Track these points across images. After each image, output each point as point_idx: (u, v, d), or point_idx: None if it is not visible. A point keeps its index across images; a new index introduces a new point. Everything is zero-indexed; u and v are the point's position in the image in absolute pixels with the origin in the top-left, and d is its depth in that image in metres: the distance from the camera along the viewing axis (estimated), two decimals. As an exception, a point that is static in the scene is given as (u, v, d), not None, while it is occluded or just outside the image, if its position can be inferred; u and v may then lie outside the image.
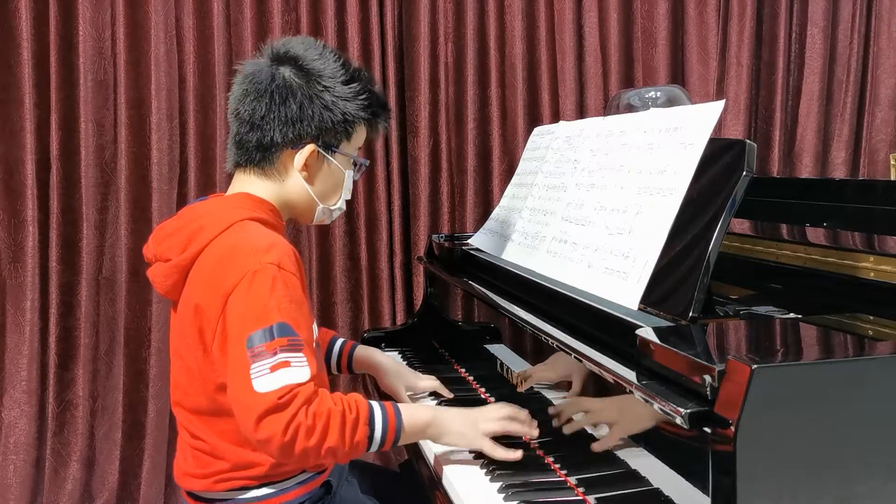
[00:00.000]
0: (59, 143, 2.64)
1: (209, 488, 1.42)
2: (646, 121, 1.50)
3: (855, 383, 0.97)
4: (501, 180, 2.86)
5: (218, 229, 1.36)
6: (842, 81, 3.04)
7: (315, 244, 2.81)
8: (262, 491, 1.40)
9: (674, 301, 1.21)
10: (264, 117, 1.41)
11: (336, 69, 1.43)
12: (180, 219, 1.45)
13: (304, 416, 1.24)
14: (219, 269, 1.33)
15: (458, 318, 2.14)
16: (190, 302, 1.37)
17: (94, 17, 2.65)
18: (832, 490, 0.96)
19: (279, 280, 1.30)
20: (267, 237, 1.36)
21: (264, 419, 1.23)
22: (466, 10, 2.85)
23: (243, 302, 1.28)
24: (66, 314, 2.70)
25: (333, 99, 1.42)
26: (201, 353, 1.36)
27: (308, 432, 1.25)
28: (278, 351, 1.25)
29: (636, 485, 1.17)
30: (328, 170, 1.47)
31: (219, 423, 1.39)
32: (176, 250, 1.40)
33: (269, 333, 1.26)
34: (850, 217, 1.89)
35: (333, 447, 1.28)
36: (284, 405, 1.24)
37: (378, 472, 1.86)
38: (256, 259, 1.30)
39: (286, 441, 1.24)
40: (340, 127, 1.44)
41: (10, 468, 2.65)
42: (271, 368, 1.24)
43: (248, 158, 1.45)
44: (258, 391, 1.24)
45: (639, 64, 2.97)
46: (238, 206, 1.42)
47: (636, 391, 1.08)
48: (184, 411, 1.44)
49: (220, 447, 1.39)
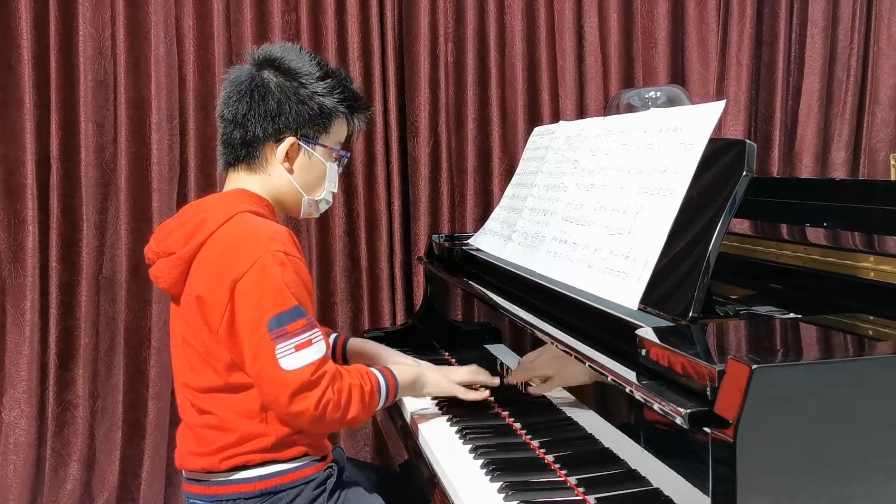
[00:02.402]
0: (59, 143, 2.64)
1: (213, 466, 1.46)
2: (646, 121, 1.50)
3: (855, 383, 0.97)
4: (501, 180, 2.86)
5: (220, 220, 1.45)
6: (842, 81, 3.04)
7: (315, 244, 2.81)
8: (265, 469, 1.46)
9: (674, 301, 1.21)
10: (246, 115, 1.51)
11: (311, 67, 1.53)
12: (181, 216, 1.52)
13: (332, 393, 1.40)
14: (223, 257, 1.42)
15: (458, 318, 2.14)
16: (192, 293, 1.44)
17: (94, 17, 2.65)
18: (832, 490, 0.96)
19: (288, 265, 1.40)
20: (269, 225, 1.46)
21: (298, 395, 1.38)
22: (466, 10, 2.85)
23: (257, 287, 1.38)
24: (66, 314, 2.70)
25: (309, 94, 1.52)
26: (208, 337, 1.43)
27: (336, 406, 1.41)
28: (300, 331, 1.38)
29: (636, 485, 1.17)
30: (309, 162, 1.55)
31: (229, 398, 1.46)
32: (179, 244, 1.47)
33: (288, 316, 1.38)
34: (850, 217, 1.89)
35: (356, 416, 1.44)
36: (316, 382, 1.38)
37: (378, 471, 1.87)
38: (264, 246, 1.40)
39: (317, 415, 1.39)
40: (318, 120, 1.53)
41: (10, 468, 2.65)
42: (296, 347, 1.38)
43: (235, 156, 1.55)
44: (287, 369, 1.37)
45: (639, 64, 2.97)
46: (237, 200, 1.51)
47: (636, 391, 1.08)
48: (192, 391, 1.50)
49: (228, 419, 1.46)
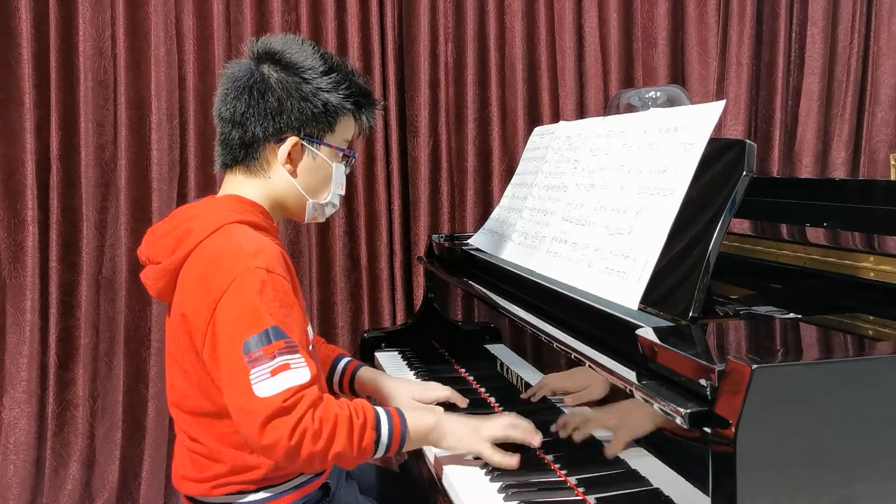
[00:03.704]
0: (59, 143, 2.64)
1: (207, 493, 1.41)
2: (646, 121, 1.50)
3: (855, 383, 0.97)
4: (501, 180, 2.86)
5: (205, 233, 1.35)
6: (842, 81, 3.04)
7: (315, 244, 2.81)
8: (259, 495, 1.39)
9: (674, 301, 1.21)
10: (244, 114, 1.41)
11: (315, 61, 1.41)
12: (171, 220, 1.44)
13: (310, 420, 1.22)
14: (206, 275, 1.31)
15: (458, 318, 2.14)
16: (178, 309, 1.37)
17: (94, 17, 2.65)
18: (832, 490, 0.96)
19: (268, 284, 1.27)
20: (254, 241, 1.33)
21: (269, 423, 1.20)
22: (466, 10, 2.85)
23: (234, 307, 1.26)
24: (66, 314, 2.70)
25: (313, 90, 1.40)
26: (194, 357, 1.35)
27: (315, 437, 1.22)
28: (276, 354, 1.22)
29: (636, 485, 1.17)
30: (314, 163, 1.44)
31: (218, 425, 1.37)
32: (165, 253, 1.39)
33: (265, 338, 1.23)
34: (850, 217, 1.89)
35: (341, 452, 1.25)
36: (290, 408, 1.21)
37: (378, 472, 1.86)
38: (244, 263, 1.28)
39: (292, 445, 1.20)
40: (322, 118, 1.41)
41: (10, 468, 2.65)
42: (272, 372, 1.21)
43: (233, 157, 1.45)
44: (260, 396, 1.20)
45: (639, 64, 2.97)
46: (227, 209, 1.40)
47: (636, 391, 1.08)
48: (182, 413, 1.44)
49: (217, 450, 1.38)
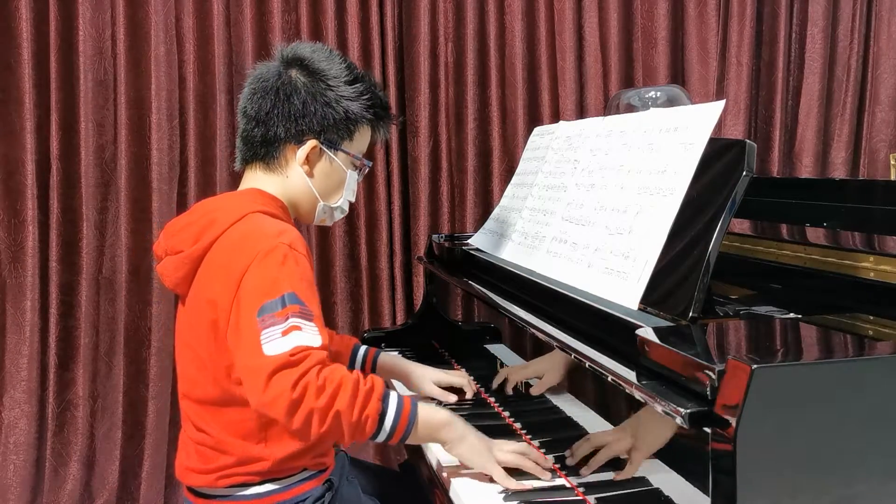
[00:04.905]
0: (59, 143, 2.64)
1: (211, 484, 1.42)
2: (646, 121, 1.50)
3: (855, 383, 0.97)
4: (501, 180, 2.86)
5: (230, 220, 1.39)
6: (842, 81, 3.05)
7: (315, 244, 2.81)
8: (264, 487, 1.41)
9: (674, 301, 1.21)
10: (269, 113, 1.45)
11: (341, 70, 1.47)
12: (192, 213, 1.49)
13: (314, 376, 1.23)
14: (231, 258, 1.35)
15: (458, 318, 2.14)
16: (202, 296, 1.39)
17: (94, 17, 2.65)
18: (832, 490, 0.96)
19: (290, 258, 1.32)
20: (278, 224, 1.39)
21: (274, 376, 1.22)
22: (466, 10, 2.85)
23: (256, 278, 1.30)
24: (66, 314, 2.70)
25: (336, 97, 1.46)
26: (213, 342, 1.38)
27: (318, 391, 1.22)
28: (290, 316, 1.25)
29: (636, 485, 1.17)
30: (330, 167, 1.49)
31: (226, 413, 1.40)
32: (188, 242, 1.42)
33: (280, 302, 1.26)
34: (850, 217, 1.89)
35: (341, 412, 1.24)
36: (296, 362, 1.23)
37: (378, 472, 1.86)
38: (268, 241, 1.33)
39: (294, 398, 1.21)
40: (342, 125, 1.47)
41: (10, 468, 2.65)
42: (282, 333, 1.24)
43: (253, 154, 1.49)
44: (268, 354, 1.23)
45: (639, 64, 2.97)
46: (249, 199, 1.46)
47: (636, 391, 1.08)
48: (191, 403, 1.46)
49: (224, 441, 1.40)
